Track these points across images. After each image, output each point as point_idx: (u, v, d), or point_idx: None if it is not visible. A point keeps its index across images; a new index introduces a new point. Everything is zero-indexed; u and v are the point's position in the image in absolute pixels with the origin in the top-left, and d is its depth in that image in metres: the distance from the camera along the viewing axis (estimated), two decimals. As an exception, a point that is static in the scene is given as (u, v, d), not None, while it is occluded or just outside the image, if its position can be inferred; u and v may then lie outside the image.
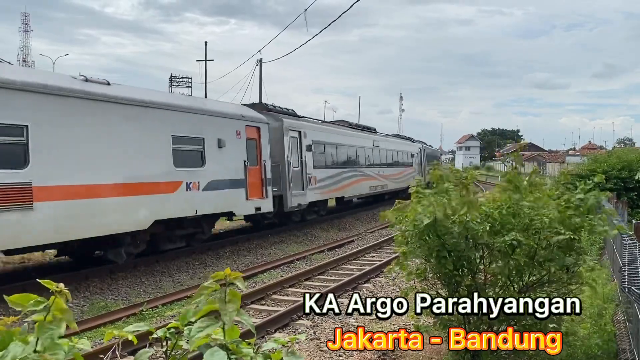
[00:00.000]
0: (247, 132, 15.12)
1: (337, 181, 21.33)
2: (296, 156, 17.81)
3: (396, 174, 30.39)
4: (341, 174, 21.83)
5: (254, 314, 9.05)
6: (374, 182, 26.19)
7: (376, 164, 26.87)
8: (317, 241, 17.70)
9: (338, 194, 22.08)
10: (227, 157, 14.03)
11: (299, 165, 17.82)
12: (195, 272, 12.57)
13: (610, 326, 6.29)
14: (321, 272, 12.35)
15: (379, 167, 27.26)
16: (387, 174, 28.32)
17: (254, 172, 15.22)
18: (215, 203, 13.58)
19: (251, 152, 15.18)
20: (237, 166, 14.48)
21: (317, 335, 7.76)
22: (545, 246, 4.74)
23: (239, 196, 14.50)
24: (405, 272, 5.38)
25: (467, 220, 4.73)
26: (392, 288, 10.48)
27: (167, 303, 9.62)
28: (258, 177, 15.43)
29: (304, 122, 19.34)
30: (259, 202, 15.41)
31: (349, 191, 23.09)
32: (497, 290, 5.06)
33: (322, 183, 19.67)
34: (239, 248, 15.34)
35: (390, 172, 29.18)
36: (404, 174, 31.75)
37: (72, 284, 9.92)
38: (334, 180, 21.03)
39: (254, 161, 15.31)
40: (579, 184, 4.94)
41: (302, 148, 18.11)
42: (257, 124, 15.65)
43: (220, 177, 13.72)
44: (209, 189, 13.19)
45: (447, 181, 5.28)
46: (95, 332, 7.91)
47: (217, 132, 13.69)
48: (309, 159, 18.63)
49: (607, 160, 20.70)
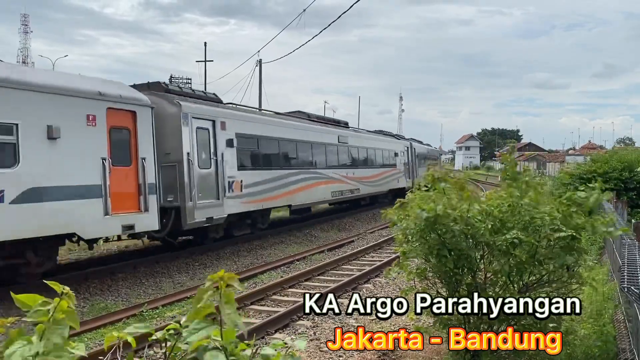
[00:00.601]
0: (111, 118, 10.74)
1: (280, 186, 16.78)
2: (206, 153, 13.37)
3: (372, 176, 25.66)
4: (286, 177, 17.35)
5: (254, 314, 9.05)
6: (339, 185, 21.61)
7: (343, 164, 22.41)
8: (317, 241, 17.69)
9: (281, 201, 17.20)
10: (68, 153, 9.79)
11: (211, 166, 13.47)
12: (195, 273, 12.57)
13: (610, 326, 6.29)
14: (321, 272, 12.34)
15: (348, 168, 22.72)
16: (359, 176, 23.76)
17: (123, 174, 10.93)
18: (39, 222, 9.26)
19: (119, 146, 10.92)
20: (88, 166, 10.21)
21: (317, 335, 7.76)
22: (546, 245, 4.75)
23: (90, 210, 10.15)
24: (406, 271, 5.39)
25: (468, 217, 4.74)
26: (392, 288, 10.49)
27: (168, 304, 9.62)
28: (131, 182, 11.12)
29: (222, 110, 14.66)
30: (131, 217, 10.95)
31: (300, 198, 18.30)
32: (497, 290, 5.06)
33: (252, 189, 15.10)
34: (239, 249, 15.33)
35: (364, 174, 24.54)
36: (383, 176, 27.07)
37: (72, 285, 9.83)
38: (274, 185, 16.44)
39: (125, 159, 11.01)
40: (581, 187, 4.95)
41: (217, 143, 13.65)
42: (130, 107, 11.16)
43: (53, 182, 9.49)
44: (25, 201, 8.97)
45: (443, 181, 5.29)
46: (95, 333, 7.92)
47: (46, 115, 9.47)
48: (231, 157, 14.22)
49: (608, 161, 20.68)
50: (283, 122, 18.46)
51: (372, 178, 25.59)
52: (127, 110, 11.11)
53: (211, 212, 13.23)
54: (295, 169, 18.08)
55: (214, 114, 13.89)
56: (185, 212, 12.28)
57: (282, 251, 15.65)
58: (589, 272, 5.09)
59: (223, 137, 13.93)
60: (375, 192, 26.22)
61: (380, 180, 26.60)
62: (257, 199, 15.49)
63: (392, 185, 28.04)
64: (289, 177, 17.51)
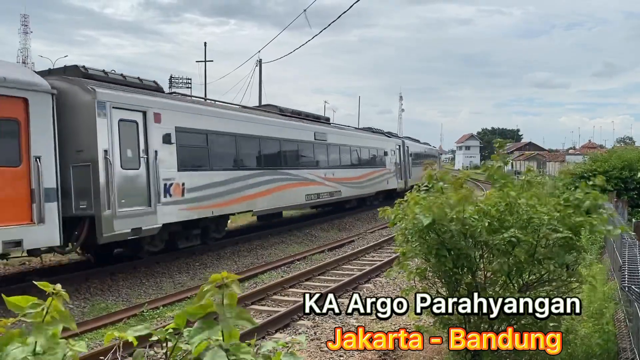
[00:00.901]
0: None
1: (237, 189, 14.56)
2: (134, 151, 11.18)
3: (356, 177, 23.46)
4: (246, 179, 15.06)
5: (255, 314, 9.06)
6: (315, 188, 19.48)
7: (321, 164, 20.35)
8: (318, 241, 17.70)
9: (239, 207, 14.83)
10: None
11: (139, 166, 11.29)
12: (195, 273, 12.58)
13: (611, 325, 6.29)
14: (322, 272, 12.35)
15: (327, 169, 20.56)
16: (340, 177, 21.62)
17: (7, 177, 8.97)
18: None
19: (1, 142, 9.11)
20: None
21: (317, 335, 7.77)
22: (545, 244, 4.75)
23: None
24: (406, 271, 5.39)
25: (464, 217, 4.75)
26: (392, 288, 10.50)
27: (168, 304, 9.63)
28: (20, 186, 9.08)
29: (156, 99, 12.16)
30: (15, 231, 8.86)
31: (263, 202, 16.02)
32: (497, 289, 5.06)
33: (198, 193, 12.93)
34: (240, 249, 15.33)
35: (347, 175, 22.38)
36: (370, 177, 24.89)
37: (72, 286, 9.92)
38: (229, 188, 14.24)
39: (13, 158, 9.08)
40: (581, 184, 4.94)
41: (148, 138, 11.46)
42: (19, 93, 9.10)
43: None
44: None
45: (441, 180, 5.29)
46: (96, 334, 7.92)
47: None
48: (169, 155, 12.04)
49: (608, 160, 20.67)
50: (242, 115, 15.98)
51: (357, 179, 23.49)
52: (15, 97, 9.00)
53: (139, 222, 10.99)
54: (258, 170, 15.88)
55: (145, 103, 11.52)
56: (100, 222, 10.05)
57: (283, 251, 15.66)
58: (589, 271, 5.08)
59: (157, 131, 11.71)
60: (360, 195, 24.28)
61: (367, 181, 24.54)
62: (206, 205, 13.21)
63: (381, 187, 26.57)
64: (249, 178, 15.23)
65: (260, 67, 35.30)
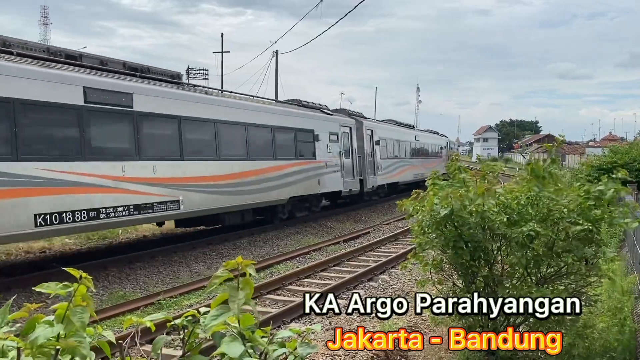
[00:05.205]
0: None
1: None
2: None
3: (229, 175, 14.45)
4: None
5: (270, 304, 9.12)
6: None
7: None
8: (333, 233, 17.72)
9: None
10: None
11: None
12: (212, 262, 12.69)
13: (630, 320, 6.21)
14: (337, 263, 12.37)
15: None
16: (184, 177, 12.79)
17: None
18: None
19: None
20: None
21: (332, 326, 7.78)
22: (563, 237, 4.70)
23: None
24: (422, 263, 5.37)
25: (484, 210, 4.71)
26: (407, 279, 10.47)
27: (185, 293, 9.73)
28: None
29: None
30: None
31: None
32: (515, 282, 5.03)
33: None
34: (255, 239, 15.43)
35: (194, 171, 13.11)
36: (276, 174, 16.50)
37: (91, 274, 9.95)
38: None
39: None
40: (602, 178, 4.87)
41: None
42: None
43: None
44: None
45: (463, 172, 5.26)
46: (114, 321, 8.04)
47: None
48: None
49: (629, 152, 20.32)
50: None
51: (232, 178, 14.36)
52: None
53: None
54: None
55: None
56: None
57: (298, 242, 15.72)
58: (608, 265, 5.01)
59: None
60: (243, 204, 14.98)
61: (268, 180, 15.98)
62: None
63: (305, 189, 18.29)
64: None
65: (276, 58, 35.29)
